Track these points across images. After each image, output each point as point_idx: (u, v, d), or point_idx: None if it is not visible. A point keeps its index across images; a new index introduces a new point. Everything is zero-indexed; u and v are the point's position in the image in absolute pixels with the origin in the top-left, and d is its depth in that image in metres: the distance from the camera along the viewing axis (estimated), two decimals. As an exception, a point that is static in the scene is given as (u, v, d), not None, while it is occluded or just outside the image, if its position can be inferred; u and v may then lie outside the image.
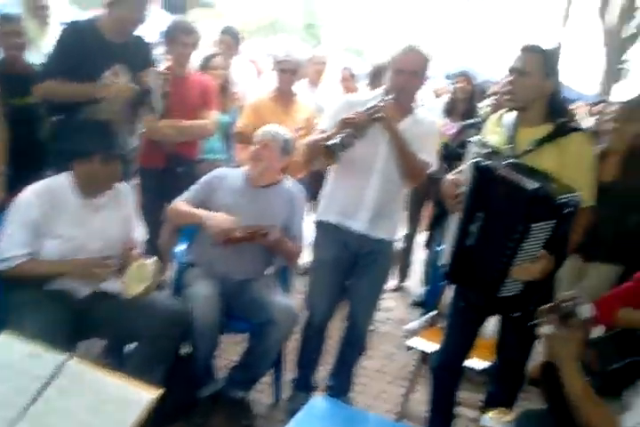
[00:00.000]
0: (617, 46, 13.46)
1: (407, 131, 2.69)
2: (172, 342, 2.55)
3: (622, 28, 13.52)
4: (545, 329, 1.90)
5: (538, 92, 2.30)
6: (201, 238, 2.98)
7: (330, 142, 2.51)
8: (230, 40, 4.65)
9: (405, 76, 2.66)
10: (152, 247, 2.76)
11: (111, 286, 2.54)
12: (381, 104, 2.60)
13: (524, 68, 2.28)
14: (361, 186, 2.79)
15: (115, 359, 2.77)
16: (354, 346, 3.06)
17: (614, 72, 13.66)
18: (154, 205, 3.39)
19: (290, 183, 3.12)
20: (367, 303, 2.99)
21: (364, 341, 3.10)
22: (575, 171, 2.24)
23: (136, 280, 2.46)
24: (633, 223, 3.04)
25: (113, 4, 2.90)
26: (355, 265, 2.91)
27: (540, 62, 2.28)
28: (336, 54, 8.76)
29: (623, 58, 14.60)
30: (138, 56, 3.06)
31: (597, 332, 2.08)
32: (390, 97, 2.63)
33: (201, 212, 2.89)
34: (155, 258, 2.53)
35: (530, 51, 2.32)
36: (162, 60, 3.72)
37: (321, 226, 2.94)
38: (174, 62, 3.65)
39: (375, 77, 4.30)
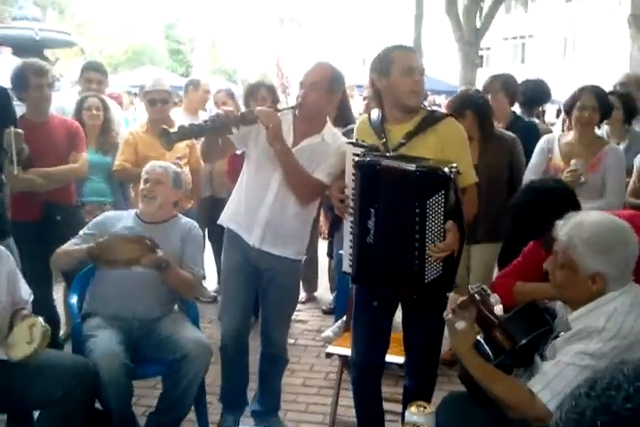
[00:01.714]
0: (469, 39, 14.18)
1: (308, 148, 2.71)
2: (82, 402, 2.41)
3: (471, 21, 14.29)
4: (458, 325, 2.02)
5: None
6: (95, 286, 2.87)
7: (172, 129, 2.53)
8: (99, 75, 4.49)
9: (305, 88, 2.68)
10: (40, 306, 2.61)
11: (0, 351, 2.37)
12: (258, 109, 2.62)
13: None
14: (257, 201, 2.77)
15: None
16: (274, 362, 3.03)
17: (472, 63, 14.39)
18: (36, 260, 3.19)
19: (184, 219, 3.08)
20: (278, 319, 2.97)
21: (283, 355, 3.06)
22: (455, 152, 2.38)
23: (23, 341, 2.30)
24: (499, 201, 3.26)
25: None
26: (260, 278, 2.89)
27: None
28: (207, 78, 8.73)
29: (480, 47, 15.54)
30: None
31: (498, 311, 2.18)
32: (287, 107, 2.70)
33: (86, 245, 2.74)
34: (42, 318, 2.38)
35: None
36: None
37: (226, 231, 2.91)
38: (31, 108, 3.48)
39: (249, 96, 4.31)
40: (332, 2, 37.79)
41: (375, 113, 2.52)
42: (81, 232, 2.94)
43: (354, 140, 2.50)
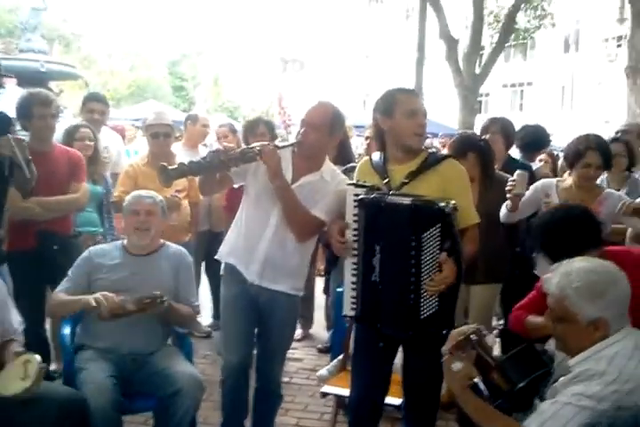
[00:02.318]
0: (468, 85, 14.42)
1: (307, 186, 2.72)
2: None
3: (470, 68, 14.56)
4: (454, 366, 1.98)
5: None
6: (88, 318, 2.82)
7: (172, 166, 2.54)
8: (101, 106, 4.53)
9: (305, 126, 2.70)
10: (31, 336, 2.56)
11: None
12: (259, 147, 2.62)
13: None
14: (256, 237, 2.77)
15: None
16: (268, 397, 2.97)
17: (471, 108, 14.60)
18: (30, 290, 3.18)
19: (173, 246, 3.05)
20: (274, 354, 2.93)
21: (278, 391, 3.00)
22: (457, 192, 2.40)
23: (17, 377, 2.24)
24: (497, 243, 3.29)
25: None
26: (259, 312, 2.85)
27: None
28: (208, 115, 8.87)
29: (479, 93, 15.80)
30: None
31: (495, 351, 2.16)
32: (287, 144, 2.72)
33: (83, 297, 2.71)
34: (37, 355, 2.33)
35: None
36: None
37: (225, 265, 2.90)
38: (34, 137, 3.47)
39: (248, 132, 4.35)
40: (334, 44, 38.60)
41: (377, 155, 2.56)
42: (70, 273, 2.90)
43: (355, 181, 2.52)
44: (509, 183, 3.27)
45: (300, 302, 2.99)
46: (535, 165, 4.67)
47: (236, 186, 2.92)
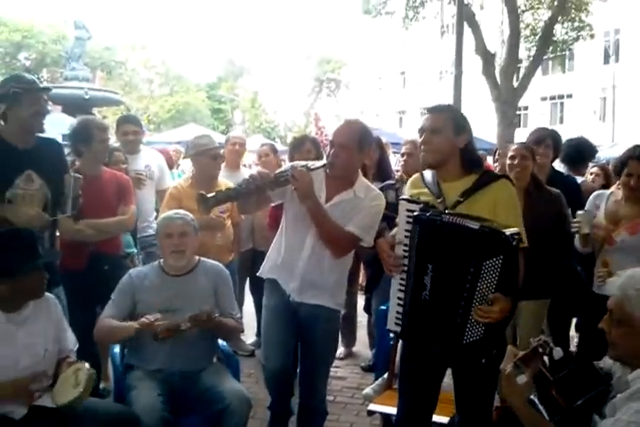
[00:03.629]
0: (506, 99, 14.31)
1: (341, 204, 2.77)
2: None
3: (508, 81, 14.46)
4: (520, 379, 1.94)
5: (451, 147, 2.40)
6: (136, 340, 2.86)
7: (210, 194, 2.57)
8: (134, 127, 4.63)
9: (334, 148, 2.75)
10: (83, 356, 2.63)
11: (48, 400, 2.39)
12: (291, 171, 2.67)
13: (435, 126, 2.40)
14: (294, 257, 2.83)
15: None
16: (313, 413, 2.98)
17: (510, 122, 14.47)
18: (83, 310, 3.24)
19: (208, 262, 3.09)
20: (319, 367, 2.95)
21: (323, 406, 3.01)
22: (507, 215, 2.35)
23: (70, 386, 2.33)
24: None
25: (6, 112, 2.87)
26: (300, 325, 2.89)
27: (449, 120, 2.40)
28: (247, 136, 8.99)
29: (517, 107, 15.67)
30: (50, 159, 3.01)
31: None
32: (318, 166, 2.74)
33: (131, 324, 2.76)
34: (86, 363, 2.42)
35: (437, 111, 2.46)
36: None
37: (266, 280, 2.98)
38: (90, 161, 3.60)
39: (294, 150, 4.39)
40: (369, 63, 38.82)
41: (429, 173, 2.52)
42: (114, 296, 2.94)
43: (408, 197, 2.48)
44: (574, 225, 3.28)
45: (340, 317, 3.02)
46: (581, 178, 4.60)
47: (273, 204, 2.98)
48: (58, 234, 3.25)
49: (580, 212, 3.29)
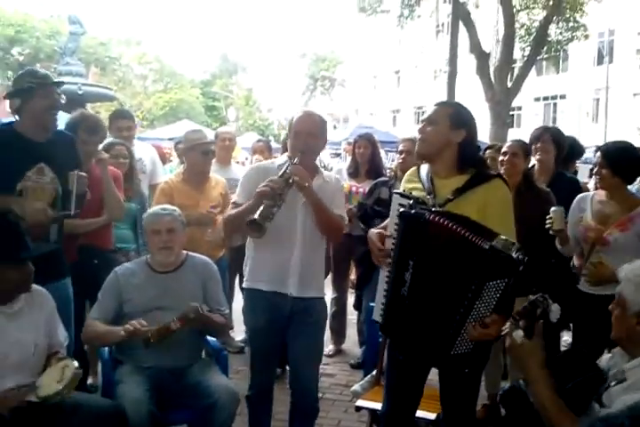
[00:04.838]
0: (500, 99, 14.34)
1: (318, 190, 2.78)
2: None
3: (502, 81, 14.48)
4: (516, 335, 1.88)
5: (444, 140, 2.39)
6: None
7: (254, 217, 2.53)
8: (128, 122, 4.60)
9: (303, 137, 2.79)
10: (76, 349, 2.63)
11: (33, 395, 2.34)
12: (290, 168, 2.69)
13: (433, 117, 2.42)
14: (286, 254, 2.82)
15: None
16: (306, 412, 2.97)
17: (503, 122, 14.49)
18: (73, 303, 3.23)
19: (197, 257, 3.08)
20: (309, 362, 2.93)
21: (315, 404, 3.00)
22: (498, 215, 2.32)
23: (53, 380, 2.32)
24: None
25: (21, 106, 2.87)
26: (289, 326, 2.89)
27: (448, 114, 2.41)
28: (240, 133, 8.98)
29: (511, 107, 15.70)
30: (63, 154, 2.98)
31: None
32: (295, 159, 2.74)
33: (118, 330, 2.71)
34: (75, 362, 2.40)
35: (441, 104, 2.52)
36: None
37: (250, 293, 2.93)
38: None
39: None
40: (364, 61, 38.80)
41: (425, 168, 2.51)
42: (100, 296, 2.92)
43: (402, 191, 2.46)
44: (547, 221, 3.26)
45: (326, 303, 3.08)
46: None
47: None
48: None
49: (553, 208, 3.26)
